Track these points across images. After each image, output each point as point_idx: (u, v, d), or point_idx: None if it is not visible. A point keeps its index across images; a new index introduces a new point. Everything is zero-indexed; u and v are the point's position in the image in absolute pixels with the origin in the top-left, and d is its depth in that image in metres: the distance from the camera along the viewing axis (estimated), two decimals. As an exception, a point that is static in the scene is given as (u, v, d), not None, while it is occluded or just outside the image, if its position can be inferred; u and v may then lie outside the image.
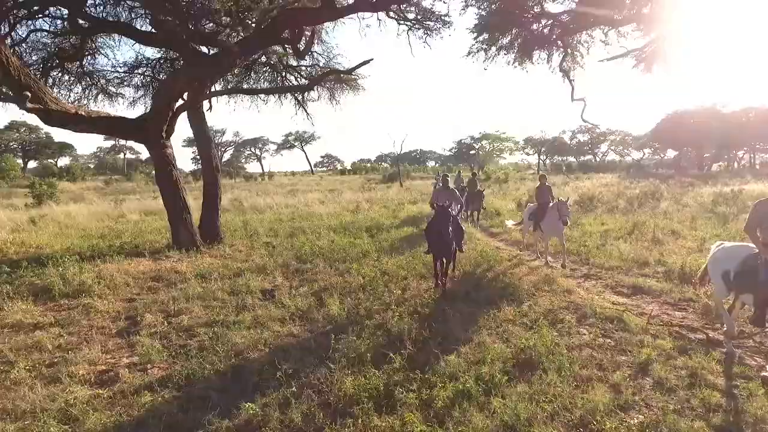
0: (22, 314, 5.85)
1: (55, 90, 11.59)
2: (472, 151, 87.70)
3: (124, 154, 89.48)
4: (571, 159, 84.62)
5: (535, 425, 3.34)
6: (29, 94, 6.16)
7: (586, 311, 5.90)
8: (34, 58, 11.65)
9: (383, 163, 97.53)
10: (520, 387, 3.90)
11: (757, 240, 4.26)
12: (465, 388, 3.80)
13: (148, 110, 9.16)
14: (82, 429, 3.41)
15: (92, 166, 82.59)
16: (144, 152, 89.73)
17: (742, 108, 58.33)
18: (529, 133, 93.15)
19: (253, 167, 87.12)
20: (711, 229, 11.85)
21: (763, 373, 4.13)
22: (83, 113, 7.44)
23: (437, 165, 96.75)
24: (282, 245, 10.49)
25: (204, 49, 10.18)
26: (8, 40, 9.98)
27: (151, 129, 8.42)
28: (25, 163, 77.24)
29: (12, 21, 10.28)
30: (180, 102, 9.28)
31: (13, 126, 78.42)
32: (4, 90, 7.05)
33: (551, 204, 8.97)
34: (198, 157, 62.02)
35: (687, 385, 4.00)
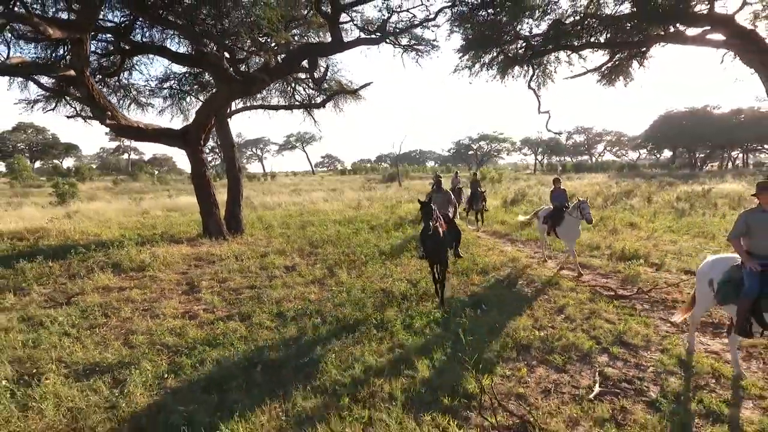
0: (107, 281, 7.75)
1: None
2: (471, 152, 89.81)
3: (129, 155, 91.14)
4: (567, 159, 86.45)
5: (475, 335, 5.23)
6: (110, 113, 8.06)
7: (534, 278, 7.81)
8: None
9: (383, 164, 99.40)
10: (470, 316, 5.79)
11: (741, 249, 4.24)
12: (434, 318, 5.70)
13: (190, 122, 11.02)
14: (187, 338, 5.32)
15: (94, 167, 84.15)
16: (147, 153, 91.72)
17: (732, 110, 60.28)
18: (526, 134, 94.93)
19: (254, 167, 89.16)
20: (666, 222, 13.75)
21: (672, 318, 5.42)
22: (142, 126, 9.35)
23: (436, 165, 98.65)
24: (295, 235, 12.37)
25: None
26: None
27: (192, 138, 10.33)
28: (32, 164, 78.80)
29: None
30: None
31: (20, 127, 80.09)
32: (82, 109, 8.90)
33: (571, 206, 8.43)
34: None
35: (585, 318, 5.90)
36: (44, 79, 11.76)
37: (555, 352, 4.87)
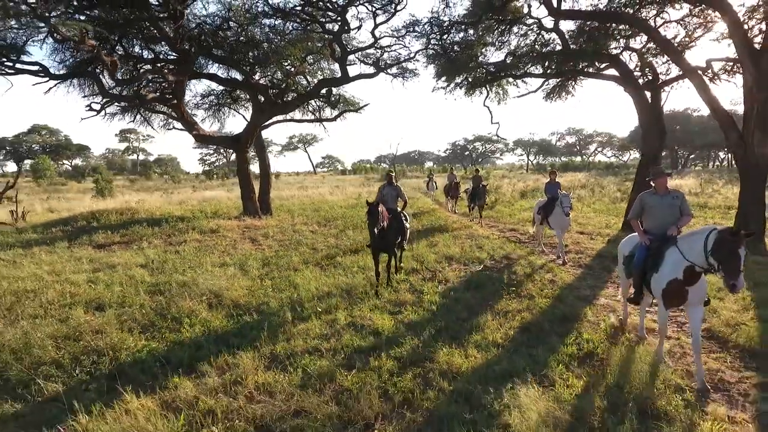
0: (197, 236, 11.94)
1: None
2: (466, 152, 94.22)
3: (137, 155, 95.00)
4: (556, 159, 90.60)
5: (429, 257, 9.40)
6: (196, 125, 12.23)
7: (474, 234, 12.01)
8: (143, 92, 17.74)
9: (382, 164, 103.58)
10: (427, 248, 9.99)
11: (638, 227, 4.61)
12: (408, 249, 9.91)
13: (224, 129, 15.13)
14: (265, 255, 9.51)
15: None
16: (154, 153, 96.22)
17: (709, 114, 64.06)
18: (519, 135, 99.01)
19: (257, 168, 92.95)
20: (597, 206, 18.00)
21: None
22: (211, 134, 13.56)
23: (433, 165, 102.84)
24: (312, 215, 16.57)
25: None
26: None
27: (243, 142, 14.56)
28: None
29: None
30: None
31: (35, 129, 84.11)
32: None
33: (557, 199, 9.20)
34: (204, 159, 68.54)
35: (493, 249, 10.08)
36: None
37: (464, 259, 9.08)
